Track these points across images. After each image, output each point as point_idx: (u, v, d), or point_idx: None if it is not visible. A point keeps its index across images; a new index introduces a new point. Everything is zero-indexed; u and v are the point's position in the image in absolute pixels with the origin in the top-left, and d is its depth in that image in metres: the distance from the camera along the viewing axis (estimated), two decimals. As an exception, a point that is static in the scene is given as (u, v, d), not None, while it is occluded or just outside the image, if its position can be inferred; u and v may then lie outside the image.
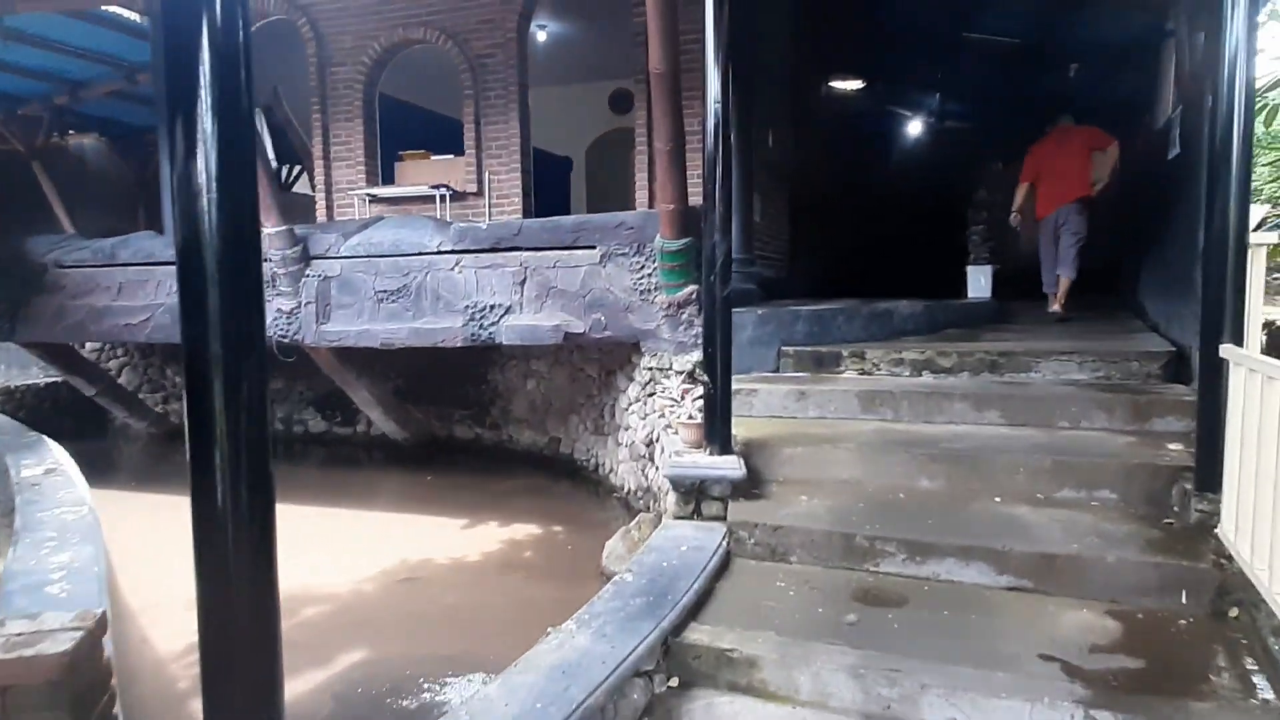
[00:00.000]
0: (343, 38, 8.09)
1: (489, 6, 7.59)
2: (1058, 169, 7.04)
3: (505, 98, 7.67)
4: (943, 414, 4.35)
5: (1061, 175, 6.98)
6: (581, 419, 6.94)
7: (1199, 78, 4.50)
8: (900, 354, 5.05)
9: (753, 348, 5.31)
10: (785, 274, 8.69)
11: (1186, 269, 4.62)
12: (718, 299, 3.86)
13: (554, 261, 5.64)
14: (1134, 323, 6.56)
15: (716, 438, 3.90)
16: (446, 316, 5.88)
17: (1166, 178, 5.45)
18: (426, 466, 7.28)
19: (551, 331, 5.61)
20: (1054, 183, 7.07)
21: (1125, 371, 4.61)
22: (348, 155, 8.21)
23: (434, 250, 5.91)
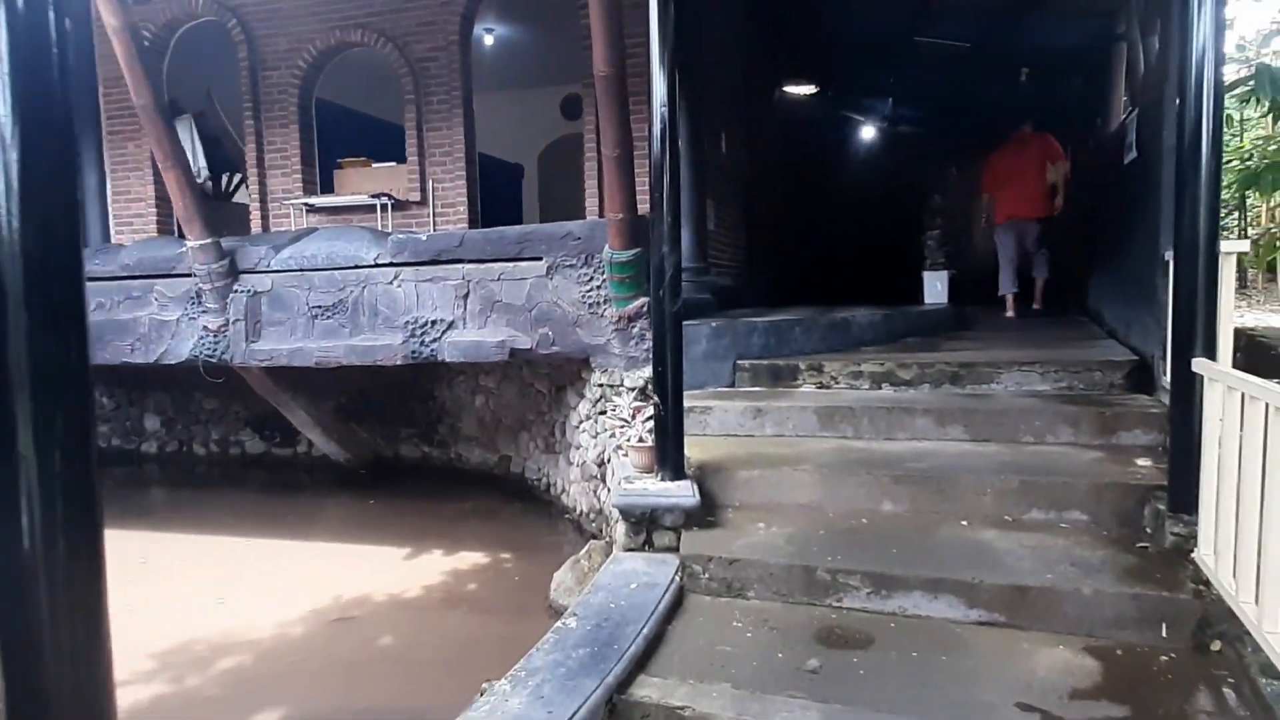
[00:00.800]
0: (276, 40, 7.72)
1: (429, 8, 7.30)
2: (1016, 178, 7.29)
3: (448, 103, 7.37)
4: (904, 430, 4.17)
5: (1020, 185, 7.27)
6: (532, 436, 6.66)
7: (1155, 81, 4.40)
8: (859, 366, 4.87)
9: (707, 362, 5.09)
10: (741, 282, 8.51)
11: (1147, 276, 4.52)
12: (667, 314, 3.63)
13: (498, 274, 5.37)
14: (1092, 329, 6.49)
15: (668, 462, 3.66)
16: (385, 333, 5.56)
17: (1123, 182, 5.37)
18: (371, 489, 6.94)
19: (496, 348, 5.33)
20: (1013, 193, 7.32)
21: (1088, 381, 4.48)
22: (283, 163, 7.83)
23: (371, 263, 5.59)
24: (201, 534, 5.78)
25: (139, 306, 6.12)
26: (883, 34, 9.03)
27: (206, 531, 5.82)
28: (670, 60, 3.57)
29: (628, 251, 4.94)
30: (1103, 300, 6.75)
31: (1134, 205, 5.02)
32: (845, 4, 8.72)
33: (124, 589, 4.77)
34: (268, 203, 7.89)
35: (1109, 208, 6.19)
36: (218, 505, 6.64)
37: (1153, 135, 4.40)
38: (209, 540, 5.60)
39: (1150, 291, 4.42)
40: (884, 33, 8.99)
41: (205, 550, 5.43)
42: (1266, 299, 8.93)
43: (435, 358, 5.47)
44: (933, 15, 8.32)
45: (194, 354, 5.93)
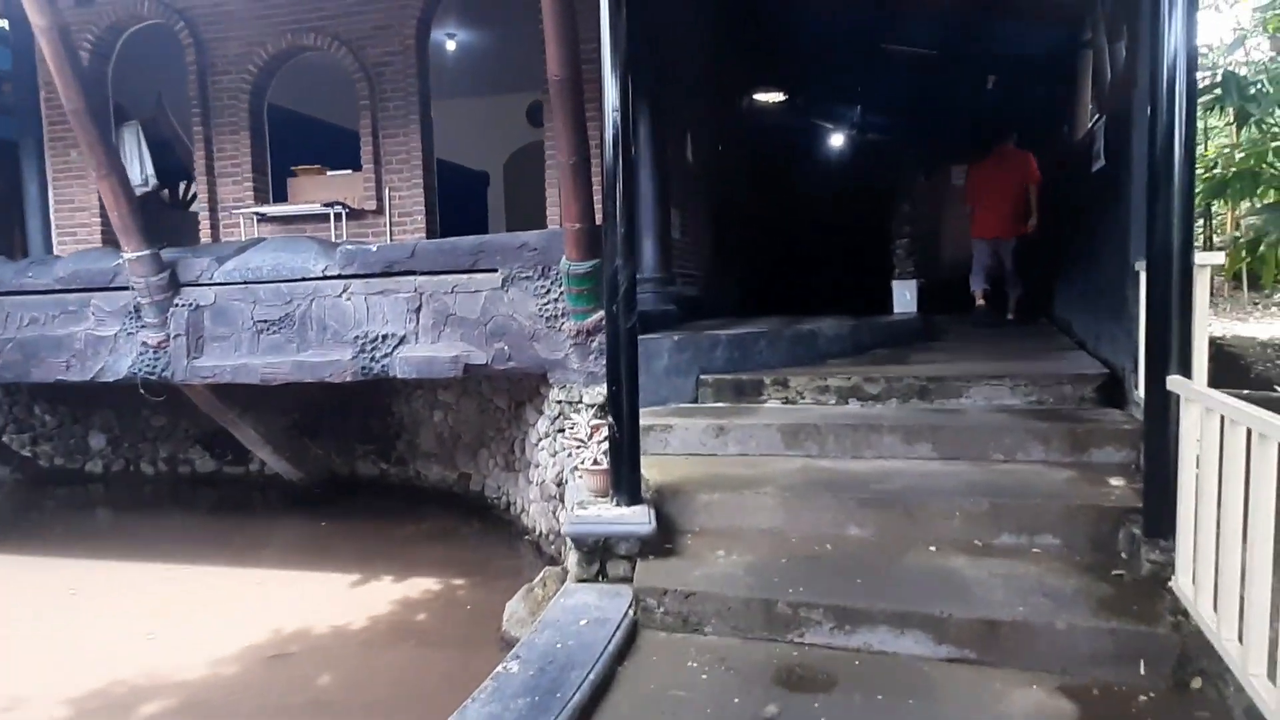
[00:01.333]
0: (226, 44, 7.45)
1: (385, 11, 7.07)
2: (994, 194, 7.59)
3: (405, 109, 7.15)
4: (871, 448, 4.01)
5: (999, 202, 7.56)
6: (492, 454, 6.44)
7: (1123, 88, 4.30)
8: (825, 380, 4.72)
9: (669, 377, 4.90)
10: (708, 291, 8.36)
11: (1116, 287, 4.41)
12: (621, 330, 3.44)
13: (452, 286, 5.15)
14: (1061, 339, 6.40)
15: (624, 486, 3.47)
16: (334, 348, 5.32)
17: (1091, 191, 5.28)
18: (324, 509, 6.66)
19: (450, 363, 5.11)
20: (992, 209, 7.64)
21: (1059, 396, 4.36)
22: (234, 171, 7.55)
23: (319, 275, 5.35)
24: (141, 560, 5.49)
25: (75, 321, 5.81)
26: (850, 40, 8.95)
27: (146, 558, 5.52)
28: (623, 64, 3.39)
29: (586, 263, 4.74)
30: (1071, 310, 6.67)
31: (1102, 214, 4.92)
32: (812, 10, 8.63)
33: (47, 623, 4.50)
34: (218, 212, 7.61)
35: (1077, 216, 6.11)
36: (162, 528, 6.33)
37: (1121, 143, 4.29)
38: (148, 568, 5.31)
39: (1120, 303, 4.31)
40: (851, 39, 8.91)
41: (143, 578, 5.14)
42: (1233, 307, 8.94)
43: (386, 374, 5.23)
44: (899, 21, 8.25)
45: (133, 371, 5.64)
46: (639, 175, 6.68)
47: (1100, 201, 4.93)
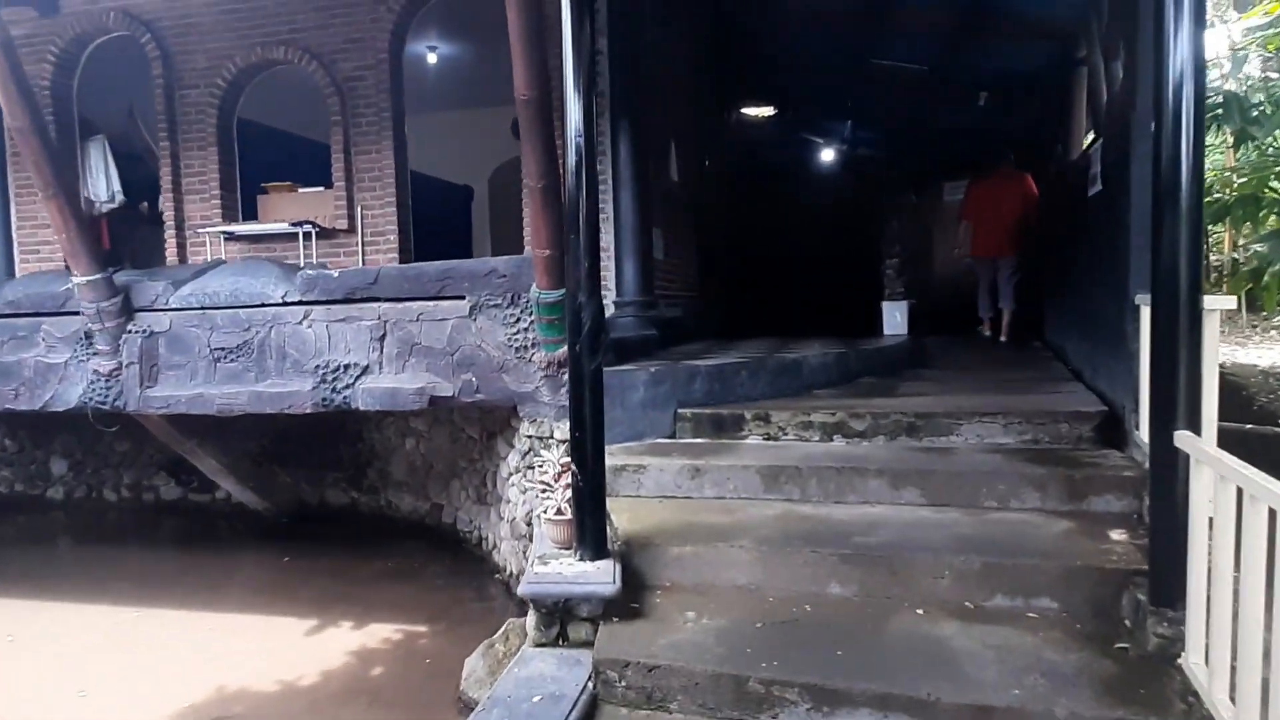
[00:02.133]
0: (193, 57, 7.21)
1: (357, 25, 6.85)
2: (996, 214, 7.70)
3: (378, 124, 6.91)
4: (856, 493, 3.76)
5: (999, 221, 7.68)
6: (464, 485, 6.17)
7: (1121, 110, 4.09)
8: (809, 416, 4.47)
9: (646, 411, 4.65)
10: (693, 313, 8.12)
11: (1114, 319, 4.18)
12: (586, 371, 3.19)
13: (417, 314, 4.90)
14: (1055, 367, 6.17)
15: (588, 539, 3.22)
16: (294, 378, 5.05)
17: (1087, 215, 5.06)
18: (289, 542, 6.38)
19: (415, 395, 4.85)
20: (992, 227, 7.73)
21: (1054, 434, 4.12)
22: (202, 188, 7.30)
23: (279, 301, 5.09)
24: (90, 601, 5.20)
25: (24, 347, 5.54)
26: (839, 56, 8.77)
27: (96, 598, 5.23)
28: (587, 82, 3.16)
29: (556, 291, 4.49)
30: (1065, 336, 6.46)
31: (1099, 241, 4.70)
32: (801, 24, 8.44)
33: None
34: (184, 230, 7.35)
35: (1071, 240, 5.90)
36: (117, 564, 6.03)
37: (1119, 167, 4.07)
38: (95, 611, 5.02)
39: (1118, 337, 4.08)
40: (840, 54, 8.72)
41: (88, 622, 4.85)
42: (1231, 330, 8.74)
43: (348, 406, 4.97)
44: (889, 37, 8.06)
45: (83, 400, 5.37)
46: (620, 194, 6.47)
47: (1097, 227, 4.71)
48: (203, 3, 7.07)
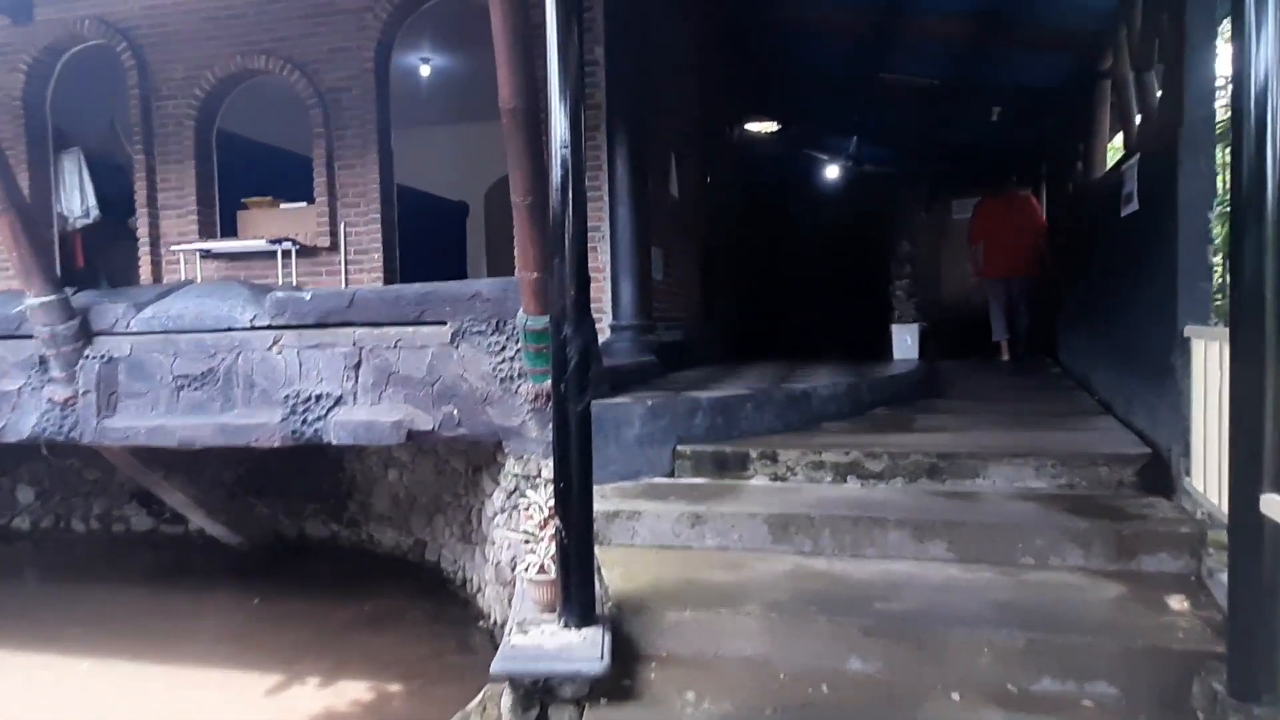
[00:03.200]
0: (171, 67, 6.88)
1: (342, 33, 6.52)
2: (1008, 236, 7.72)
3: (363, 137, 6.57)
4: (875, 546, 3.37)
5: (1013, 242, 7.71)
6: (448, 521, 5.78)
7: (1165, 124, 3.72)
8: (820, 455, 4.08)
9: (642, 447, 4.27)
10: (694, 336, 7.75)
11: (1156, 351, 3.81)
12: (571, 414, 2.81)
13: (395, 340, 4.53)
14: (1079, 396, 5.80)
15: (574, 603, 2.83)
16: (262, 409, 4.67)
17: (1118, 237, 4.69)
18: (262, 580, 5.97)
19: (392, 429, 4.47)
20: (1005, 249, 7.73)
21: (1093, 479, 3.73)
22: (178, 203, 6.96)
23: (246, 325, 4.72)
24: (38, 650, 4.81)
25: (-24, 373, 5.16)
26: (847, 69, 8.45)
27: (45, 646, 4.84)
28: (574, 93, 2.80)
29: (544, 318, 4.11)
30: (1089, 362, 6.08)
31: (1135, 265, 4.33)
32: (808, 37, 8.13)
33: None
34: (160, 248, 7.00)
35: (1097, 262, 5.53)
36: (76, 604, 5.63)
37: (1162, 187, 3.71)
38: (42, 663, 4.62)
39: (1163, 372, 3.70)
40: (848, 67, 8.40)
41: (30, 678, 4.45)
42: None
43: (320, 439, 4.59)
44: (899, 50, 7.73)
45: (38, 430, 4.99)
46: (617, 211, 6.13)
47: (1133, 251, 4.34)
48: (181, 10, 6.75)
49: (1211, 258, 3.49)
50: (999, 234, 7.71)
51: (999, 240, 7.71)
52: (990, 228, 7.79)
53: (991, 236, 7.78)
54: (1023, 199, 7.91)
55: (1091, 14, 5.83)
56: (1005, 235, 7.68)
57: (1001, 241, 7.70)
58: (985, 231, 7.87)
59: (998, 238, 7.72)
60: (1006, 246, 7.68)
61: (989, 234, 7.81)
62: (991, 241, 7.79)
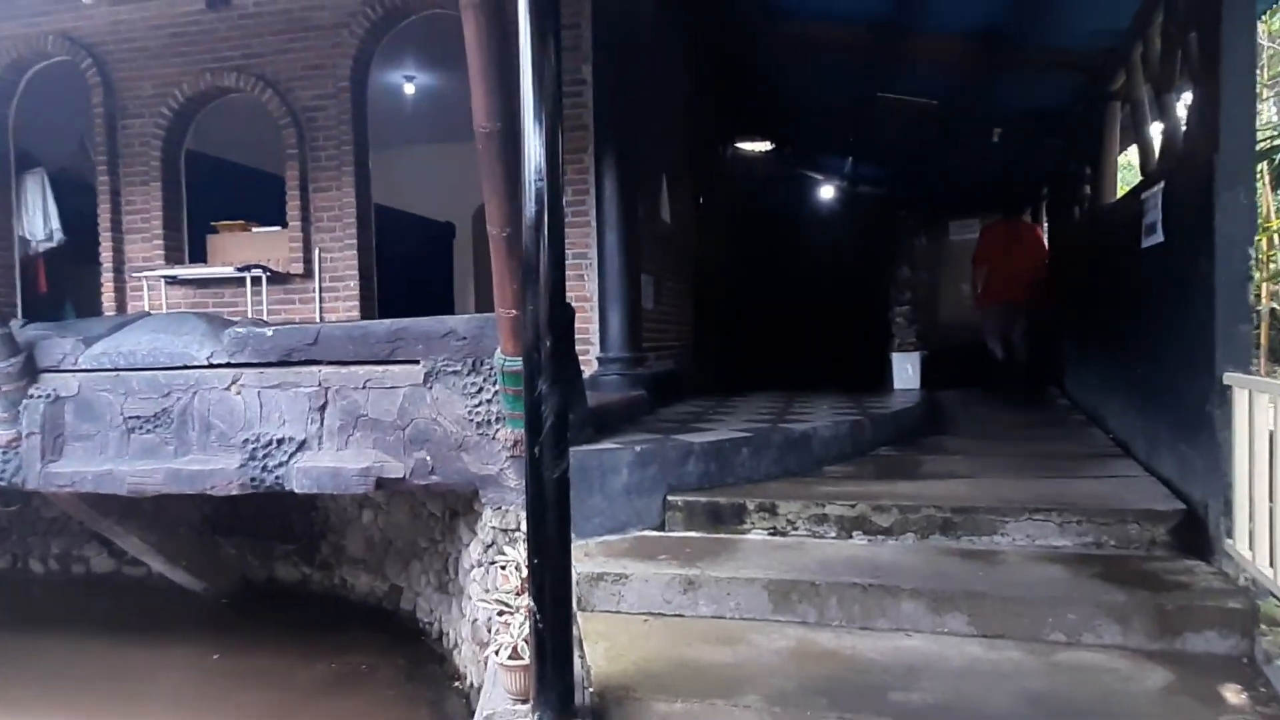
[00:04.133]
0: (138, 84, 6.57)
1: (317, 50, 6.22)
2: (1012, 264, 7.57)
3: (339, 158, 6.26)
4: (887, 618, 3.04)
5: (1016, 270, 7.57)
6: (425, 568, 5.41)
7: (1198, 149, 3.44)
8: (824, 507, 3.76)
9: (630, 498, 3.94)
10: (688, 366, 7.44)
11: (1188, 397, 3.50)
12: (547, 482, 2.48)
13: (364, 381, 4.19)
14: (1092, 434, 5.50)
15: (549, 694, 2.48)
16: (219, 453, 4.32)
17: (1138, 271, 4.40)
18: (228, 629, 5.61)
19: (359, 476, 4.12)
20: (1008, 275, 7.56)
21: (1121, 537, 3.42)
22: (144, 227, 6.62)
23: (204, 363, 4.38)
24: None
25: (-85, 412, 4.79)
26: (843, 88, 8.19)
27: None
28: (550, 116, 2.49)
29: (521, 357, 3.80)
30: (1101, 398, 5.78)
31: (1159, 301, 4.04)
32: (803, 55, 7.88)
33: None
34: (124, 274, 6.65)
35: (1112, 293, 5.25)
36: (23, 661, 5.23)
37: (1193, 219, 3.41)
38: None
39: (1197, 421, 3.40)
40: (845, 86, 8.14)
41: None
42: None
43: (281, 487, 4.24)
44: (897, 69, 7.47)
45: (-25, 476, 4.62)
46: (605, 237, 5.82)
47: (1158, 285, 4.05)
48: (149, 25, 6.45)
49: (1252, 298, 3.19)
50: (1003, 261, 7.57)
51: (1002, 267, 7.57)
52: (995, 254, 7.64)
53: (996, 263, 7.63)
54: (1028, 228, 7.87)
55: (1101, 33, 5.58)
56: (1009, 263, 7.54)
57: (1005, 268, 7.55)
58: (990, 257, 7.71)
59: (1001, 264, 7.58)
60: (1010, 274, 7.54)
61: (993, 260, 7.66)
62: (995, 268, 7.63)
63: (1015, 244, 7.63)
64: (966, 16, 6.07)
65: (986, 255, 7.71)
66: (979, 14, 5.98)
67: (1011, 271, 7.52)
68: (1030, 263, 7.67)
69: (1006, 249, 7.59)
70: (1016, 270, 7.53)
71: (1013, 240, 7.66)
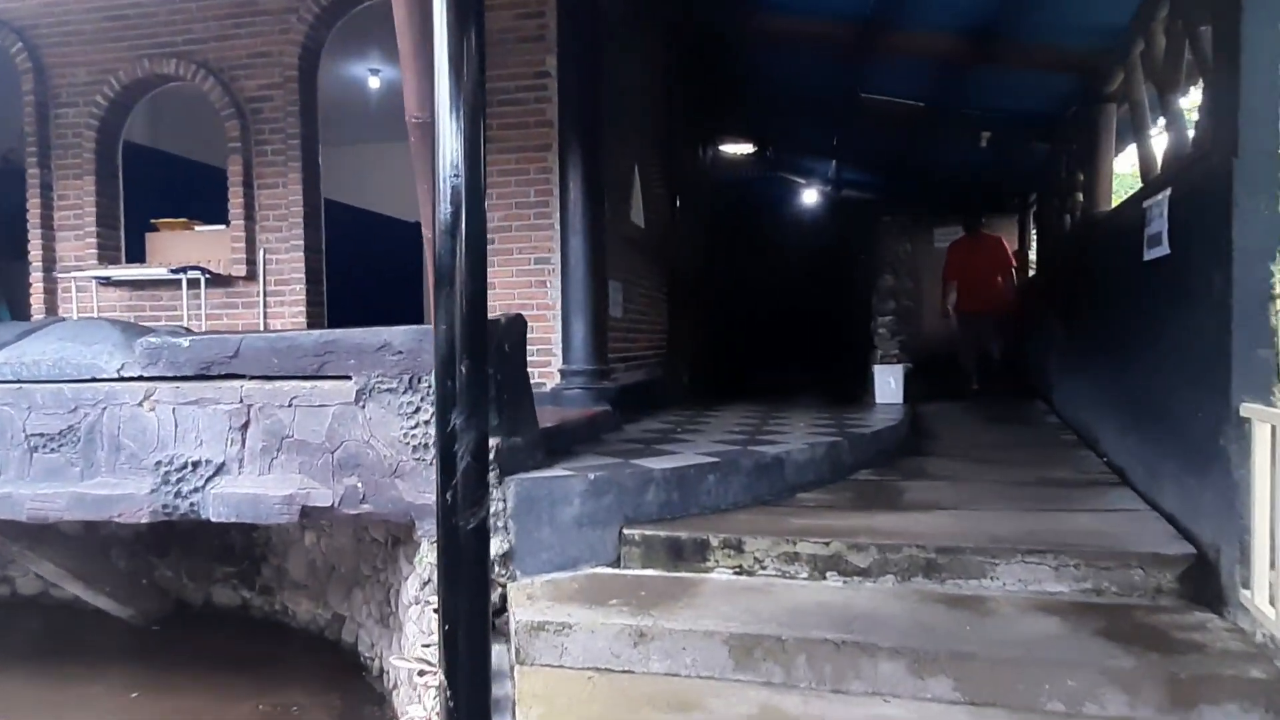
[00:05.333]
0: (72, 70, 6.13)
1: (263, 37, 5.81)
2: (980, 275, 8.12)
3: (285, 153, 5.84)
4: (862, 679, 2.68)
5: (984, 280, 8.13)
6: (367, 597, 5.01)
7: (1212, 154, 3.10)
8: (795, 544, 3.39)
9: (582, 530, 3.56)
10: (660, 375, 7.07)
11: (1199, 427, 3.16)
12: (461, 535, 2.10)
13: (289, 398, 3.78)
14: (1084, 457, 5.17)
15: (464, 785, 2.09)
16: (129, 476, 3.90)
17: (1138, 284, 4.06)
18: (154, 661, 5.16)
19: (282, 504, 3.72)
20: (977, 286, 8.12)
21: (1125, 584, 3.07)
22: (77, 224, 6.18)
23: (114, 375, 3.96)
24: None
25: None
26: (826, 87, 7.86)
27: None
28: (471, 106, 2.11)
29: (465, 374, 3.41)
30: (1093, 415, 5.45)
31: (1162, 318, 3.71)
32: (784, 52, 7.53)
33: None
34: (54, 274, 6.20)
35: (1107, 306, 4.92)
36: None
37: (1206, 230, 3.08)
38: None
39: (1206, 452, 3.06)
40: (827, 85, 7.81)
41: None
42: None
43: (196, 514, 3.83)
44: (881, 68, 7.14)
45: None
46: (570, 241, 5.45)
47: (1161, 301, 3.71)
48: (84, 8, 6.01)
49: (1274, 319, 2.84)
50: (971, 273, 8.11)
51: (970, 279, 8.11)
52: (963, 266, 8.17)
53: (964, 275, 8.16)
54: (994, 240, 8.36)
55: (1096, 31, 5.26)
56: (977, 274, 8.09)
57: (973, 280, 8.10)
58: (959, 270, 8.21)
59: (969, 276, 8.12)
60: (975, 286, 8.09)
61: (962, 273, 8.18)
62: (964, 280, 8.16)
63: (978, 257, 8.15)
64: (954, 12, 5.74)
65: (955, 269, 8.24)
66: (967, 10, 5.65)
67: (977, 283, 8.07)
68: (996, 274, 8.15)
69: (971, 262, 8.13)
70: (981, 282, 8.07)
71: (976, 253, 8.17)
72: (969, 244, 8.32)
